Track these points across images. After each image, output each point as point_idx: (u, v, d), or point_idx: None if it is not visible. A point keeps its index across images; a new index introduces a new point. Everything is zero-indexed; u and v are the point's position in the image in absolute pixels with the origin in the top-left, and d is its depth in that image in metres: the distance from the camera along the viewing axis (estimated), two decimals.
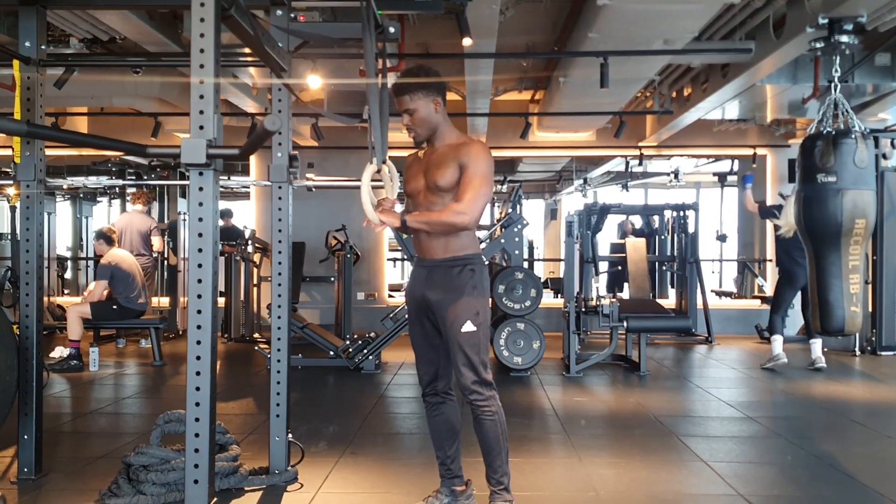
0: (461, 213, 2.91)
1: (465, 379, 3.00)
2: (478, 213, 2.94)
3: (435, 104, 3.06)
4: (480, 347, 3.01)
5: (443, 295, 3.02)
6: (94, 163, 11.72)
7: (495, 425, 3.04)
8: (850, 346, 8.17)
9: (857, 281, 4.58)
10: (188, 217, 2.58)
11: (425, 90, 3.04)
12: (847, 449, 4.36)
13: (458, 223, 2.92)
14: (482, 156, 2.99)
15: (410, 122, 3.08)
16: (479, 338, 3.00)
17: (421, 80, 3.04)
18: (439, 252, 3.04)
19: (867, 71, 7.55)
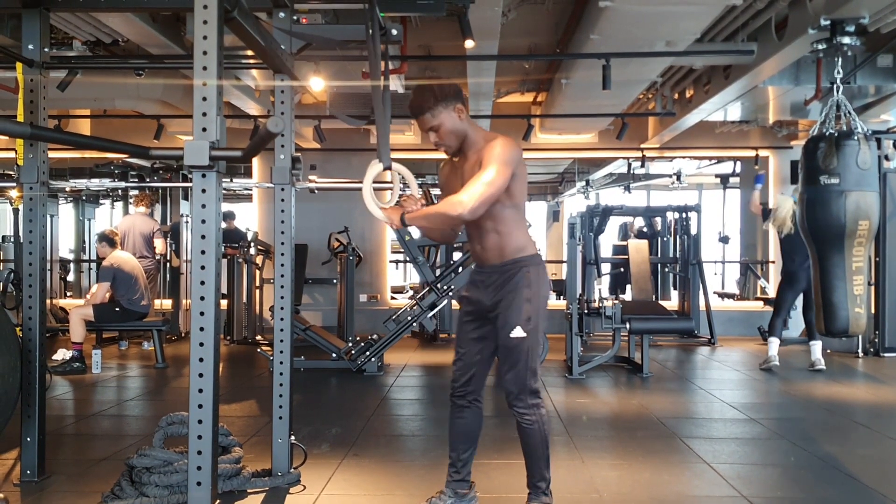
0: (458, 202, 2.81)
1: (509, 385, 2.96)
2: (477, 202, 2.80)
3: (458, 112, 2.98)
4: (529, 354, 2.94)
5: (498, 299, 2.99)
6: (97, 165, 11.73)
7: (535, 434, 2.99)
8: (854, 348, 8.15)
9: (861, 282, 4.58)
10: (191, 219, 2.58)
11: (444, 102, 2.95)
12: (850, 450, 4.35)
13: (454, 214, 2.82)
14: (498, 146, 2.88)
15: (438, 138, 3.00)
16: (527, 344, 2.93)
17: (436, 93, 2.96)
18: (495, 258, 3.01)
19: (869, 72, 7.54)
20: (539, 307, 2.98)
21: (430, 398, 6.16)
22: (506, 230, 2.98)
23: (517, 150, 2.93)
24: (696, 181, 16.45)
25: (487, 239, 3.01)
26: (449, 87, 3.00)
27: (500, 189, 2.85)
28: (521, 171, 2.96)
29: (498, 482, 3.69)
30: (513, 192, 2.94)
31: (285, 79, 3.63)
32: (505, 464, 4.00)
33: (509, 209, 2.96)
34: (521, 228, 3.02)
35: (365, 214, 10.73)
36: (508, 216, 2.97)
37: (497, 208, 2.93)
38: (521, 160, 2.95)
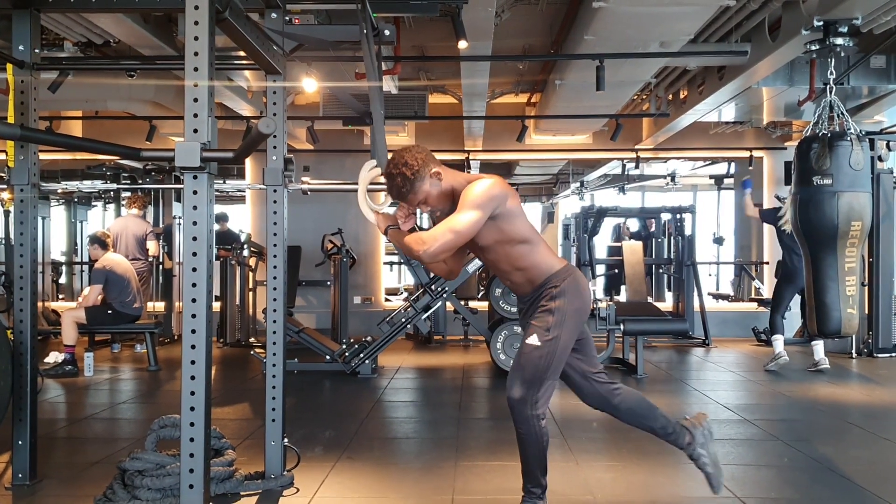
0: (422, 242, 2.80)
1: (510, 391, 2.91)
2: (437, 247, 2.78)
3: (435, 176, 2.92)
4: (538, 366, 2.87)
5: (529, 315, 3.00)
6: (89, 167, 11.67)
7: (529, 444, 2.94)
8: (847, 349, 8.16)
9: (854, 283, 4.58)
10: (182, 221, 2.56)
11: (419, 178, 2.89)
12: (844, 451, 4.35)
13: (415, 252, 2.81)
14: (472, 190, 2.84)
15: (430, 208, 2.98)
16: (540, 354, 2.87)
17: (406, 174, 2.88)
18: (527, 290, 3.00)
19: (863, 73, 7.55)
20: (563, 319, 2.90)
21: (424, 401, 6.15)
22: (527, 264, 2.96)
23: (497, 189, 2.86)
24: (691, 182, 16.48)
25: (513, 277, 3.01)
26: (416, 158, 2.90)
27: (467, 235, 2.83)
28: (513, 206, 2.90)
29: (493, 484, 3.68)
30: (514, 231, 2.91)
31: (278, 80, 3.62)
32: (499, 465, 3.99)
33: (520, 246, 2.94)
34: (540, 254, 2.97)
35: (359, 216, 10.69)
36: (523, 252, 2.95)
37: (507, 249, 2.93)
38: (509, 196, 2.88)
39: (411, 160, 2.90)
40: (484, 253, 3.00)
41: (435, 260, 2.86)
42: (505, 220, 2.88)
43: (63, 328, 6.94)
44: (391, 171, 2.92)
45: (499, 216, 2.86)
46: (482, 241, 2.93)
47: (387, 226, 3.01)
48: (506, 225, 2.89)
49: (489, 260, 3.02)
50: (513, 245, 2.92)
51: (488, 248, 2.96)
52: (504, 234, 2.91)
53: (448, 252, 2.87)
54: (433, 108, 9.23)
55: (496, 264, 3.01)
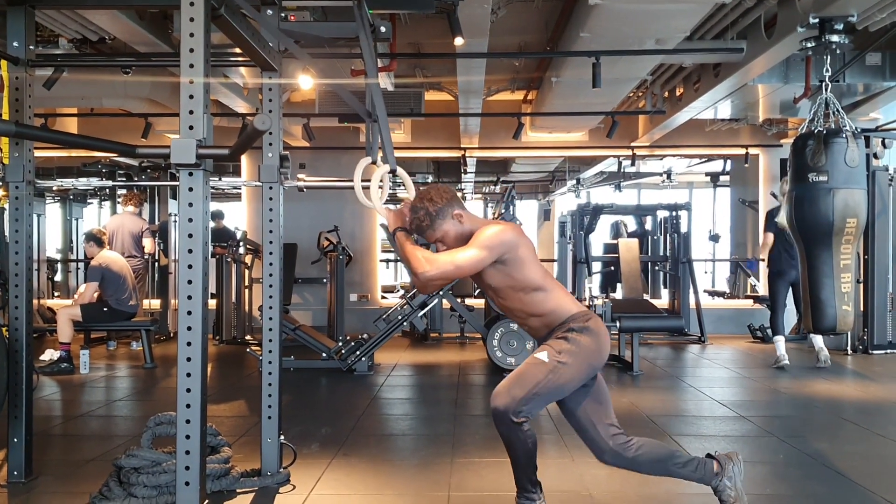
0: (424, 263, 2.80)
1: (496, 397, 2.85)
2: (437, 273, 2.79)
3: (457, 218, 2.96)
4: (536, 381, 2.82)
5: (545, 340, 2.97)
6: (85, 164, 11.67)
7: (509, 445, 2.90)
8: (842, 345, 8.19)
9: (849, 280, 4.59)
10: (178, 218, 2.56)
11: (441, 216, 2.94)
12: (839, 447, 4.37)
13: (414, 268, 2.82)
14: (485, 232, 2.88)
15: (446, 246, 2.98)
16: (541, 370, 2.83)
17: (430, 210, 2.93)
18: (544, 332, 2.98)
19: (858, 70, 7.57)
20: (578, 351, 2.86)
21: (420, 397, 6.15)
22: (543, 311, 2.94)
23: (509, 235, 2.88)
24: (687, 180, 16.50)
25: (530, 322, 2.99)
26: (442, 196, 2.97)
27: (466, 271, 2.85)
28: (525, 254, 2.90)
29: (488, 480, 3.68)
30: (527, 279, 2.90)
31: (273, 76, 3.62)
32: (495, 462, 4.00)
33: (535, 293, 2.92)
34: (556, 299, 2.95)
35: (355, 214, 10.71)
36: (538, 299, 2.93)
37: (521, 297, 2.92)
38: (521, 244, 2.89)
39: (437, 197, 2.96)
40: (498, 297, 2.99)
41: (428, 284, 2.85)
42: (516, 267, 2.88)
43: (59, 326, 6.93)
44: (416, 203, 2.97)
45: (508, 261, 2.87)
46: (492, 282, 2.93)
47: (397, 227, 3.00)
48: (517, 272, 2.89)
49: (505, 306, 3.00)
50: (527, 292, 2.92)
51: (501, 292, 2.95)
52: (516, 280, 2.90)
53: (443, 282, 2.89)
54: (429, 106, 9.24)
55: (512, 311, 2.99)
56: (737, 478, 3.02)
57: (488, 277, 2.93)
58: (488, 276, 2.93)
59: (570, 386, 2.89)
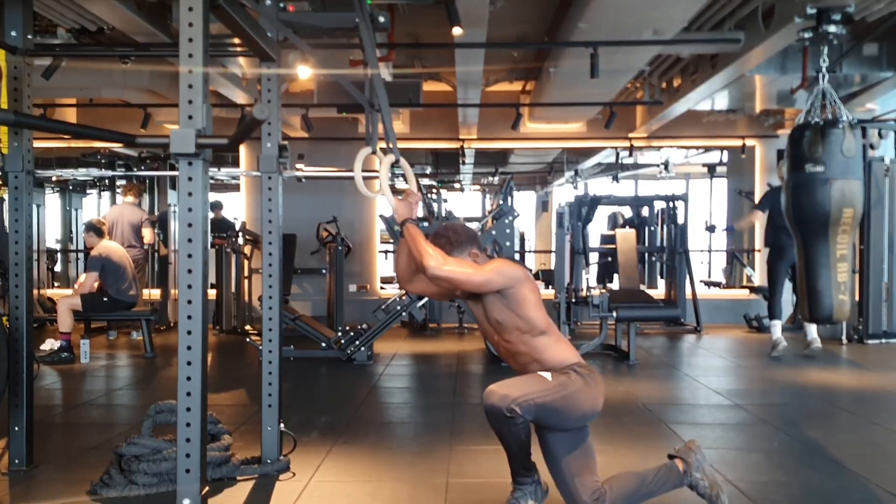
0: (438, 258, 2.83)
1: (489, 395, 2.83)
2: (446, 274, 2.82)
3: (472, 255, 3.00)
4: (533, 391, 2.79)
5: None
6: (84, 154, 11.66)
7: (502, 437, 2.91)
8: (838, 335, 8.22)
9: (845, 269, 4.62)
10: (178, 208, 2.58)
11: (458, 248, 2.99)
12: (833, 435, 4.41)
13: (426, 262, 2.83)
14: (498, 261, 2.99)
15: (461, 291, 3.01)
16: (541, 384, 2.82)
17: (451, 240, 2.99)
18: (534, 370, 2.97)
19: (855, 61, 7.58)
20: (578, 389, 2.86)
21: (419, 386, 6.19)
22: (547, 356, 2.94)
23: (517, 271, 2.95)
24: (684, 171, 16.52)
25: (531, 367, 2.96)
26: (464, 233, 3.05)
27: (470, 284, 2.88)
28: (532, 295, 2.93)
29: (486, 467, 3.72)
30: (532, 319, 2.91)
31: (272, 66, 3.63)
32: (493, 450, 4.02)
33: (541, 337, 2.94)
34: (561, 347, 2.97)
35: (354, 205, 10.71)
36: (544, 343, 2.94)
37: (529, 339, 2.93)
38: (527, 282, 2.93)
39: (460, 231, 3.06)
40: (504, 339, 2.98)
41: (432, 278, 2.87)
42: (522, 305, 2.90)
43: (59, 315, 6.95)
44: (440, 232, 3.04)
45: (514, 297, 2.89)
46: (499, 316, 2.94)
47: (407, 217, 3.02)
48: (522, 310, 2.91)
49: (510, 350, 2.99)
50: (534, 335, 2.93)
51: (507, 332, 2.95)
52: (522, 319, 2.91)
53: (445, 284, 2.91)
54: (427, 96, 9.23)
55: (517, 355, 2.98)
56: (703, 464, 3.02)
57: (495, 311, 2.94)
58: (495, 310, 2.94)
59: (563, 415, 2.87)
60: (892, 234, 8.35)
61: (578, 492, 2.89)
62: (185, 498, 2.47)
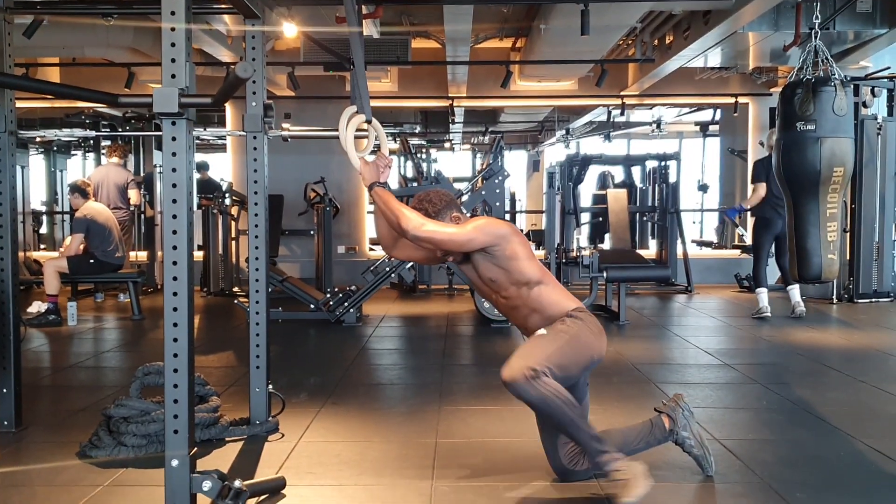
0: (416, 220, 2.82)
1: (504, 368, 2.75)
2: (424, 234, 2.81)
3: (454, 220, 2.98)
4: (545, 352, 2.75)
5: None
6: (68, 115, 11.50)
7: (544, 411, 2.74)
8: (828, 294, 8.27)
9: (835, 229, 4.61)
10: (162, 168, 2.54)
11: (439, 214, 2.97)
12: (821, 394, 4.44)
13: (404, 225, 2.81)
14: (478, 218, 2.98)
15: (445, 253, 2.98)
16: (546, 342, 2.80)
17: (427, 209, 2.96)
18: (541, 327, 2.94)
19: (848, 18, 7.50)
20: (579, 331, 2.85)
21: (408, 348, 6.20)
22: (546, 304, 2.93)
23: (504, 228, 2.92)
24: (676, 129, 16.45)
25: (532, 321, 2.95)
26: (441, 199, 3.01)
27: (455, 244, 2.87)
28: (521, 249, 2.90)
29: (475, 427, 3.73)
30: (525, 272, 2.90)
31: (256, 24, 3.55)
32: (482, 410, 4.05)
33: (537, 287, 2.92)
34: (558, 294, 2.96)
35: (342, 165, 10.63)
36: (541, 293, 2.93)
37: (526, 292, 2.92)
38: (514, 239, 2.90)
39: (435, 199, 3.01)
40: (501, 295, 2.97)
41: (413, 239, 2.85)
42: (512, 261, 2.89)
43: (45, 278, 6.91)
44: (416, 205, 2.98)
45: (502, 255, 2.88)
46: (491, 275, 2.93)
47: (373, 181, 2.98)
48: (513, 266, 2.89)
49: (509, 305, 2.98)
50: (531, 287, 2.91)
51: (503, 289, 2.94)
52: (514, 274, 2.90)
53: (428, 245, 2.89)
54: (416, 54, 9.12)
55: (516, 310, 2.97)
56: (689, 422, 3.01)
57: (486, 270, 2.93)
58: (486, 269, 2.93)
59: (575, 362, 2.83)
60: (883, 194, 8.35)
61: (557, 450, 2.92)
62: (174, 459, 2.46)
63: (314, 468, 3.14)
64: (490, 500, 2.79)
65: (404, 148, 9.69)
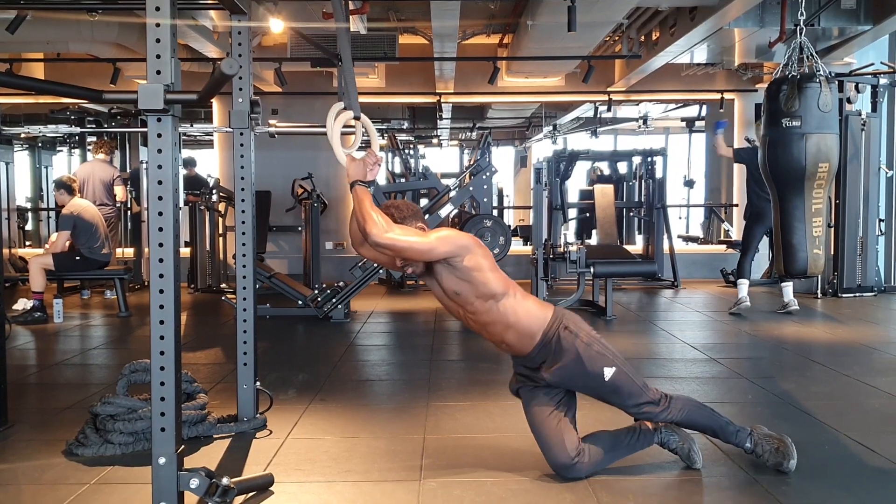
0: (381, 226, 2.79)
1: (632, 410, 3.04)
2: (390, 242, 2.79)
3: (419, 230, 2.97)
4: (626, 378, 3.00)
5: (559, 374, 2.96)
6: (52, 111, 11.43)
7: (686, 422, 3.08)
8: (813, 289, 8.33)
9: (820, 224, 4.64)
10: (148, 165, 2.52)
11: (405, 222, 2.95)
12: (806, 387, 4.47)
13: (368, 229, 2.79)
14: (446, 229, 2.99)
15: (405, 262, 2.96)
16: (618, 374, 2.98)
17: (394, 215, 2.94)
18: (527, 346, 2.97)
19: (833, 14, 7.56)
20: (591, 344, 2.98)
21: (396, 344, 6.20)
22: (518, 316, 2.94)
23: (466, 239, 2.92)
24: (663, 125, 16.52)
25: (509, 337, 2.97)
26: (408, 208, 3.01)
27: (415, 252, 2.86)
28: (484, 261, 2.91)
29: (463, 423, 3.74)
30: (490, 283, 2.90)
31: (242, 19, 3.54)
32: (469, 405, 4.06)
33: (505, 299, 2.93)
34: (528, 304, 2.98)
35: (329, 161, 10.59)
36: (511, 304, 2.93)
37: (494, 305, 2.92)
38: (477, 251, 2.90)
39: (403, 207, 3.03)
40: (469, 311, 2.97)
41: (374, 244, 2.84)
42: (475, 274, 2.88)
43: (31, 275, 6.87)
44: (382, 210, 2.94)
45: (465, 267, 2.87)
46: (456, 288, 2.92)
47: (355, 180, 2.96)
48: (477, 278, 2.88)
49: (480, 321, 2.97)
50: (498, 300, 2.92)
51: (471, 304, 2.94)
52: (479, 286, 2.90)
53: (388, 252, 2.89)
54: (403, 49, 9.11)
55: (489, 325, 2.97)
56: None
57: (450, 283, 2.92)
58: (449, 282, 2.92)
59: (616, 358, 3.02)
60: (867, 189, 8.42)
61: (565, 447, 2.94)
62: (161, 457, 2.46)
63: (302, 465, 3.14)
64: (478, 496, 2.81)
65: (392, 144, 9.68)
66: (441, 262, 2.90)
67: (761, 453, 3.02)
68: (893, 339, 6.09)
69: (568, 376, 2.96)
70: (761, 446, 3.03)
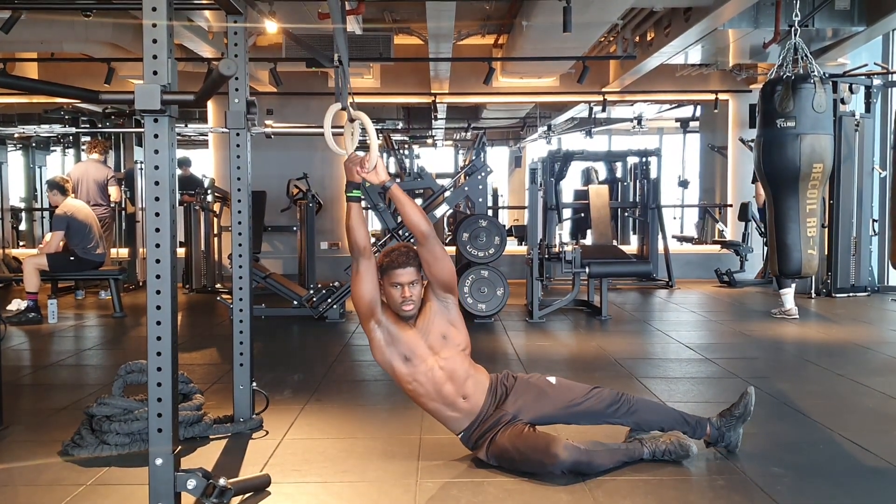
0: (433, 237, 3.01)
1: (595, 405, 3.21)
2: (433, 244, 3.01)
3: (423, 286, 3.12)
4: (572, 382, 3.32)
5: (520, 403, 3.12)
6: (46, 111, 11.40)
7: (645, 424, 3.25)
8: (807, 289, 8.35)
9: (814, 224, 4.66)
10: (144, 165, 2.52)
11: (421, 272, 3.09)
12: (800, 387, 4.49)
13: (424, 229, 2.97)
14: None
15: (411, 295, 3.05)
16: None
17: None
18: (480, 398, 3.12)
19: (827, 15, 7.58)
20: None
21: None
22: (475, 370, 3.17)
23: None
24: (657, 125, 16.55)
25: (467, 388, 3.11)
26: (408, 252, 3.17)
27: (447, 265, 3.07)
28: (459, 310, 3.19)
29: None
30: (465, 334, 3.16)
31: (238, 20, 3.54)
32: None
33: (466, 353, 3.15)
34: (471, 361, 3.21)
35: (325, 161, 10.61)
36: (469, 360, 3.16)
37: (465, 354, 3.13)
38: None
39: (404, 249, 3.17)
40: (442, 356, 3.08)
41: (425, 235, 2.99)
42: (459, 317, 3.16)
43: (25, 275, 6.84)
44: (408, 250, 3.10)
45: (453, 307, 3.14)
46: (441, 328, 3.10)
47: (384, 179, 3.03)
48: (459, 323, 3.15)
49: (446, 369, 3.07)
50: (467, 352, 3.14)
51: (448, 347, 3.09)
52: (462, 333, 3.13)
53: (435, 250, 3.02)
54: (399, 50, 9.11)
55: (453, 374, 3.08)
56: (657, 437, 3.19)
57: (441, 325, 3.10)
58: (441, 324, 3.10)
59: None
60: (860, 190, 8.45)
61: (550, 435, 3.02)
62: (158, 457, 2.46)
63: (299, 465, 3.15)
64: (475, 496, 2.81)
65: (387, 144, 9.67)
66: (440, 300, 3.09)
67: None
68: (887, 339, 6.12)
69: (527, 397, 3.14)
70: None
